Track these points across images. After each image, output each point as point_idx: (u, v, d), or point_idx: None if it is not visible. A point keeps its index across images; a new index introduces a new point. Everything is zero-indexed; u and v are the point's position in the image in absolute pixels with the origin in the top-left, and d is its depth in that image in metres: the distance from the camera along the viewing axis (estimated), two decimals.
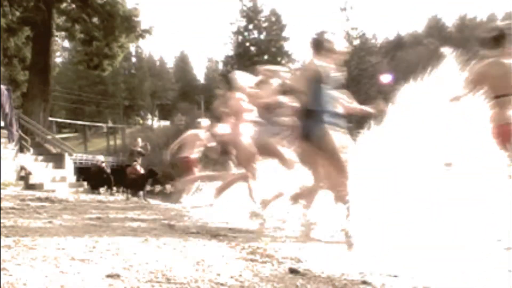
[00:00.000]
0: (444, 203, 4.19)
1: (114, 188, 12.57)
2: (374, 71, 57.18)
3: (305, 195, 3.72)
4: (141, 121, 60.81)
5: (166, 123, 59.02)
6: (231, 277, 1.89)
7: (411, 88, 6.32)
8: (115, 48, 22.46)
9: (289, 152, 4.23)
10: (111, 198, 7.55)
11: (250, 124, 4.60)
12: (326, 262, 2.34)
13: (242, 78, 4.89)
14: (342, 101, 4.04)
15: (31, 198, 5.63)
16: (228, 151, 5.00)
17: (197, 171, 6.80)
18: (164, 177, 16.52)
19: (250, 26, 56.01)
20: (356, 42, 58.72)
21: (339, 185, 3.34)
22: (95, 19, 22.23)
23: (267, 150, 4.44)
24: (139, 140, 12.66)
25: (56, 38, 31.13)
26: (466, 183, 4.66)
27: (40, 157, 13.65)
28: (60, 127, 55.08)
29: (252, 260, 2.30)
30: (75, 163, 17.01)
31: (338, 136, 3.45)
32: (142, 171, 11.08)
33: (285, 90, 4.21)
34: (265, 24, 56.43)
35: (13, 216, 3.92)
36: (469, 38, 61.17)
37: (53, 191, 9.79)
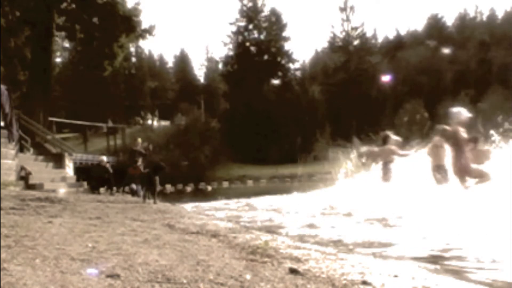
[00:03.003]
0: None
1: (114, 188, 12.57)
2: (374, 71, 57.20)
3: None
4: (141, 121, 60.80)
5: (166, 123, 59.03)
6: (231, 277, 1.89)
7: None
8: (115, 48, 22.46)
9: None
10: (111, 198, 7.55)
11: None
12: (326, 262, 2.34)
13: (462, 113, 6.66)
14: None
15: (31, 198, 5.62)
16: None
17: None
18: None
19: (250, 26, 55.97)
20: (356, 42, 58.75)
21: None
22: (95, 19, 22.22)
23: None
24: (139, 140, 12.65)
25: (56, 38, 31.16)
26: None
27: (40, 157, 13.63)
28: (60, 127, 55.05)
29: (252, 260, 2.30)
30: (75, 163, 17.00)
31: None
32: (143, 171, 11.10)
33: None
34: (265, 24, 56.39)
35: (13, 216, 3.92)
36: (469, 38, 61.23)
37: (53, 191, 9.78)
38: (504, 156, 6.90)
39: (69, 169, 14.33)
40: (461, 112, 6.66)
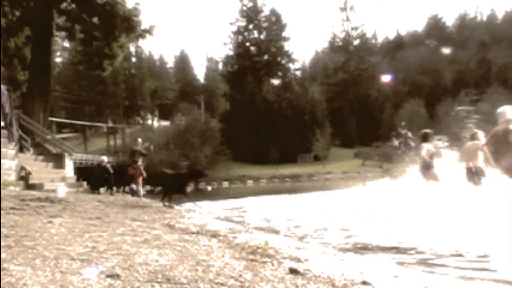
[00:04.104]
0: None
1: (114, 188, 12.59)
2: (374, 71, 57.20)
3: None
4: (141, 121, 60.79)
5: (166, 123, 59.05)
6: (231, 277, 1.89)
7: None
8: (115, 48, 22.41)
9: None
10: (111, 198, 7.55)
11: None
12: (326, 262, 2.34)
13: (507, 111, 6.57)
14: None
15: (31, 198, 5.62)
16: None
17: None
18: None
19: (250, 26, 56.00)
20: (356, 42, 58.77)
21: None
22: (95, 19, 22.19)
23: None
24: (140, 140, 12.64)
25: (56, 38, 31.14)
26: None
27: (40, 157, 13.63)
28: (60, 127, 55.12)
29: (252, 260, 2.29)
30: (75, 163, 16.99)
31: None
32: (143, 171, 11.15)
33: None
34: (265, 24, 56.43)
35: (13, 216, 3.92)
36: (469, 38, 61.24)
37: (53, 191, 9.78)
38: None
39: (69, 169, 14.32)
40: (506, 111, 6.55)
